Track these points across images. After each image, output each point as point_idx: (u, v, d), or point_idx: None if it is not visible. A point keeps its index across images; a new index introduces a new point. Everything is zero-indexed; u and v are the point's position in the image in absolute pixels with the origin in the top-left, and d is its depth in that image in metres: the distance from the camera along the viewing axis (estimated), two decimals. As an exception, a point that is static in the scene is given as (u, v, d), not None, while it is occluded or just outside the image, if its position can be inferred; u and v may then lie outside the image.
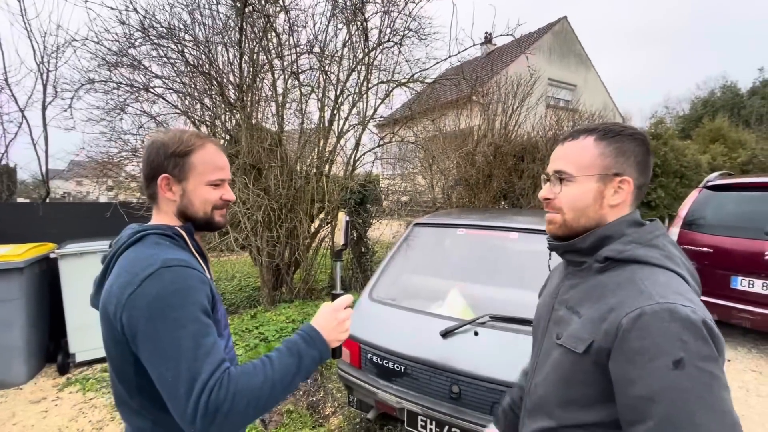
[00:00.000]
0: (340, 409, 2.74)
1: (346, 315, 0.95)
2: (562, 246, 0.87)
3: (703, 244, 3.99)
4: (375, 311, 2.27)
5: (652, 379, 0.63)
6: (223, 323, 0.92)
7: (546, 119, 6.92)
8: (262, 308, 4.54)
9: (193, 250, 0.92)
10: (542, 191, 0.88)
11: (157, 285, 0.75)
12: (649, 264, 0.74)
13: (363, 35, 4.79)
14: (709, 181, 4.35)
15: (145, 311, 0.74)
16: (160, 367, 0.73)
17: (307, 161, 4.94)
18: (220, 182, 0.94)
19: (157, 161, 0.89)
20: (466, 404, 1.79)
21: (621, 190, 0.80)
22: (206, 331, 0.77)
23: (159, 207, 0.93)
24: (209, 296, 0.82)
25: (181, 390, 0.71)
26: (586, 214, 0.81)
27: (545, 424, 0.83)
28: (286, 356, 0.83)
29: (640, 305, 0.67)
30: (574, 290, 0.84)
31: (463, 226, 2.61)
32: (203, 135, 0.96)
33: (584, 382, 0.75)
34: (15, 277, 2.95)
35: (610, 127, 0.81)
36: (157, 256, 0.80)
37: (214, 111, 4.54)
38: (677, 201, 8.56)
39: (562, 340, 0.80)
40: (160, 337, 0.73)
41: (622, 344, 0.67)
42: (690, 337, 0.63)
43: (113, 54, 4.07)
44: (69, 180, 9.94)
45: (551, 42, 16.31)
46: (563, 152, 0.85)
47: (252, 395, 0.74)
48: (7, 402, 2.82)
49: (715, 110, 24.02)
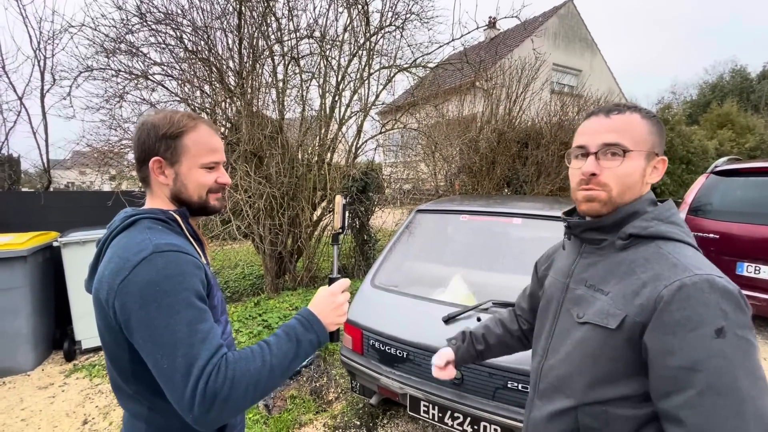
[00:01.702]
0: (343, 394, 2.76)
1: (343, 299, 0.94)
2: (584, 224, 0.86)
3: (709, 230, 3.94)
4: (377, 297, 2.26)
5: (693, 349, 0.64)
6: (220, 309, 0.91)
7: (551, 105, 6.80)
8: (265, 296, 4.56)
9: (188, 234, 0.89)
10: (588, 166, 0.81)
11: (149, 270, 0.73)
12: (673, 239, 0.76)
13: (364, 19, 4.69)
14: (716, 167, 4.27)
15: (137, 297, 0.72)
16: (155, 354, 0.71)
17: (308, 149, 4.89)
18: (214, 165, 0.91)
19: (148, 144, 0.86)
20: (468, 389, 1.80)
21: (656, 170, 0.82)
22: (202, 317, 0.75)
23: (152, 191, 0.90)
24: (204, 281, 0.80)
25: (178, 377, 0.69)
26: (631, 191, 0.80)
27: (564, 404, 0.82)
28: (284, 341, 0.81)
29: (678, 277, 0.68)
30: (594, 268, 0.84)
31: (465, 212, 2.58)
32: (195, 116, 0.92)
33: (613, 358, 0.75)
34: (18, 265, 2.96)
35: (644, 109, 0.83)
36: (149, 240, 0.77)
37: (214, 98, 4.48)
38: (683, 187, 8.47)
39: (588, 317, 0.79)
40: (154, 324, 0.71)
41: (662, 316, 0.68)
42: (729, 306, 0.64)
43: (111, 40, 4.00)
44: (72, 169, 9.96)
45: (557, 26, 15.97)
46: (613, 125, 0.80)
47: (250, 380, 0.73)
48: (15, 388, 2.87)
49: (724, 95, 23.58)
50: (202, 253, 0.92)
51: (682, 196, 4.97)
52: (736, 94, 23.70)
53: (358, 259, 5.45)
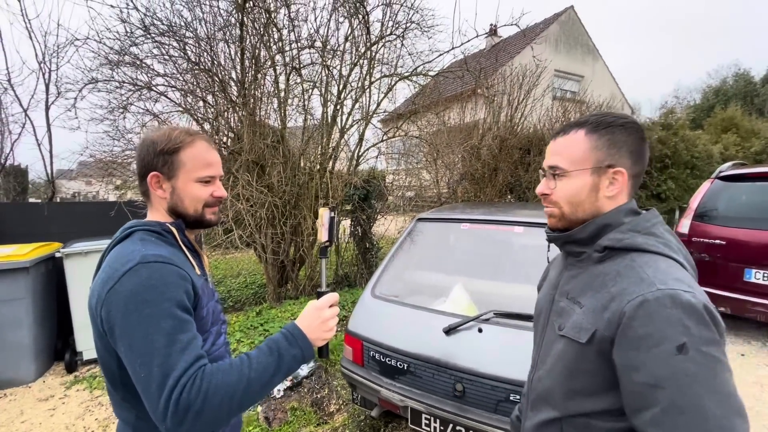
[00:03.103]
0: (344, 406, 2.72)
1: (330, 314, 0.93)
2: (561, 237, 0.87)
3: (715, 236, 3.89)
4: (377, 308, 2.24)
5: (656, 365, 0.63)
6: (210, 320, 0.91)
7: (553, 111, 6.80)
8: (267, 305, 4.54)
9: (183, 246, 0.91)
10: (539, 187, 0.89)
11: (133, 280, 0.75)
12: (648, 251, 0.75)
13: (365, 29, 4.72)
14: (721, 172, 4.23)
15: (121, 306, 0.74)
16: (134, 363, 0.73)
17: (310, 157, 4.91)
18: (210, 179, 0.93)
19: (147, 159, 0.90)
20: (471, 402, 1.76)
21: (616, 181, 0.80)
22: (182, 327, 0.75)
23: (152, 204, 0.94)
24: (189, 292, 0.81)
25: (153, 386, 0.70)
26: (582, 207, 0.82)
27: (550, 415, 0.83)
28: (266, 355, 0.81)
29: (641, 292, 0.67)
30: (575, 281, 0.84)
31: (466, 220, 2.56)
32: (193, 132, 0.95)
33: (588, 371, 0.75)
34: (21, 276, 2.97)
35: (601, 119, 0.82)
36: (138, 252, 0.79)
37: (216, 108, 4.51)
38: (688, 192, 8.38)
39: (565, 330, 0.80)
40: (134, 333, 0.73)
41: (625, 331, 0.67)
42: (692, 322, 0.63)
43: (115, 53, 4.06)
44: (77, 179, 10.05)
45: (557, 32, 16.03)
46: (556, 148, 0.86)
47: (225, 393, 0.72)
48: (16, 400, 2.86)
49: (728, 99, 23.48)
50: (198, 265, 0.94)
51: (687, 202, 4.92)
52: (740, 98, 23.60)
53: (361, 267, 5.43)
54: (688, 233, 4.08)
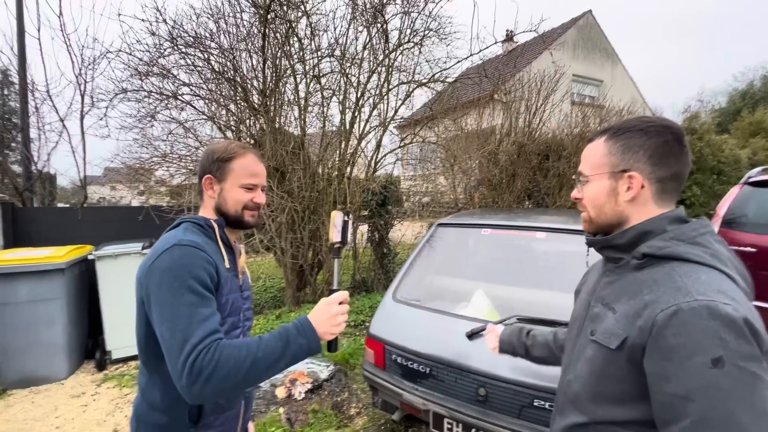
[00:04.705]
0: (365, 409, 2.74)
1: (339, 309, 1.00)
2: (599, 241, 0.87)
3: (745, 243, 3.76)
4: (399, 312, 2.26)
5: (688, 377, 0.62)
6: (228, 310, 1.00)
7: (572, 116, 6.72)
8: (286, 309, 4.62)
9: (220, 240, 1.03)
10: (573, 192, 0.94)
11: (168, 258, 0.89)
12: (690, 261, 0.72)
13: (383, 37, 4.80)
14: (750, 177, 4.10)
15: (156, 278, 0.88)
16: (161, 327, 0.85)
17: (329, 163, 4.99)
18: (252, 186, 1.06)
19: (205, 164, 1.06)
20: (493, 407, 1.76)
21: (631, 185, 0.80)
22: (204, 303, 0.87)
23: (203, 202, 1.08)
24: (213, 276, 0.93)
25: (174, 347, 0.81)
26: (604, 211, 0.84)
27: (577, 420, 0.83)
28: (275, 339, 0.89)
29: (676, 302, 0.66)
30: (611, 287, 0.84)
31: (487, 226, 2.56)
32: (247, 146, 1.10)
33: (618, 378, 0.74)
34: (57, 277, 3.11)
35: (623, 124, 0.83)
36: (177, 236, 0.94)
37: (239, 116, 4.66)
38: (714, 199, 8.13)
39: (596, 336, 0.80)
40: (163, 301, 0.86)
41: (657, 341, 0.66)
42: (730, 335, 0.60)
43: (144, 64, 4.25)
44: (104, 185, 10.44)
45: (576, 37, 15.85)
46: (583, 154, 0.90)
47: (233, 366, 0.81)
48: (50, 396, 2.98)
49: (755, 102, 22.65)
50: (231, 260, 1.05)
51: (713, 208, 4.78)
52: (769, 101, 22.76)
53: (378, 273, 5.45)
54: (715, 240, 3.96)
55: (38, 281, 3.05)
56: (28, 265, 3.01)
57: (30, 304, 3.05)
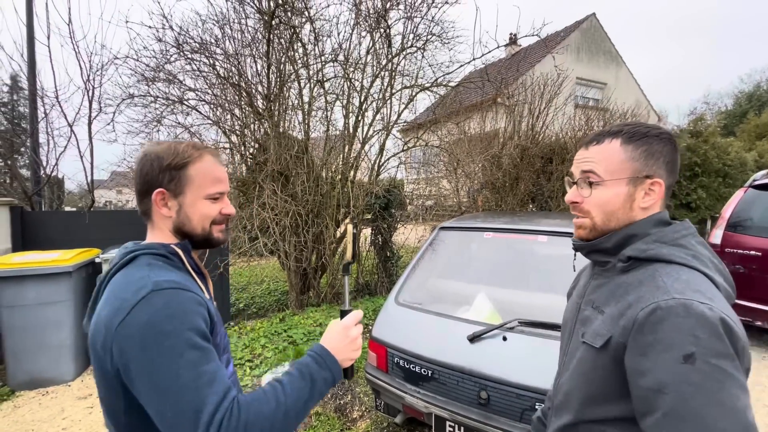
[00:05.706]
0: (367, 412, 2.75)
1: (357, 332, 0.91)
2: (586, 246, 0.88)
3: (750, 246, 3.74)
4: (401, 315, 2.27)
5: (661, 371, 0.64)
6: (222, 347, 0.84)
7: (575, 119, 6.72)
8: (290, 312, 4.63)
9: (191, 269, 0.85)
10: (569, 195, 0.89)
11: (148, 311, 0.68)
12: (672, 263, 0.74)
13: (386, 42, 4.84)
14: (755, 180, 4.08)
15: (137, 341, 0.67)
16: (158, 404, 0.66)
17: (332, 167, 5.02)
18: (219, 195, 0.88)
19: (150, 175, 0.83)
20: (496, 410, 1.76)
21: (652, 192, 0.80)
22: (207, 357, 0.70)
23: (154, 224, 0.86)
24: (207, 319, 0.75)
25: (184, 426, 0.64)
26: (616, 217, 0.82)
27: (568, 420, 0.85)
28: (298, 380, 0.78)
29: (656, 300, 0.68)
30: (600, 290, 0.85)
31: (489, 229, 2.57)
32: (200, 145, 0.89)
33: (603, 377, 0.76)
34: (64, 280, 3.16)
35: (636, 129, 0.81)
36: (148, 278, 0.73)
37: (243, 120, 4.71)
38: (720, 202, 8.07)
39: (585, 337, 0.81)
40: (155, 370, 0.66)
41: (636, 337, 0.68)
42: (704, 333, 0.62)
43: (151, 70, 4.32)
44: (111, 189, 10.56)
45: (579, 40, 15.86)
46: (589, 155, 0.85)
47: (265, 425, 0.68)
48: (57, 398, 3.02)
49: (762, 104, 22.47)
50: (205, 288, 0.88)
51: (719, 211, 4.75)
52: (776, 103, 22.55)
53: (381, 276, 5.47)
54: (720, 244, 3.94)
55: (46, 284, 3.10)
56: (36, 268, 3.05)
57: (38, 307, 3.09)
